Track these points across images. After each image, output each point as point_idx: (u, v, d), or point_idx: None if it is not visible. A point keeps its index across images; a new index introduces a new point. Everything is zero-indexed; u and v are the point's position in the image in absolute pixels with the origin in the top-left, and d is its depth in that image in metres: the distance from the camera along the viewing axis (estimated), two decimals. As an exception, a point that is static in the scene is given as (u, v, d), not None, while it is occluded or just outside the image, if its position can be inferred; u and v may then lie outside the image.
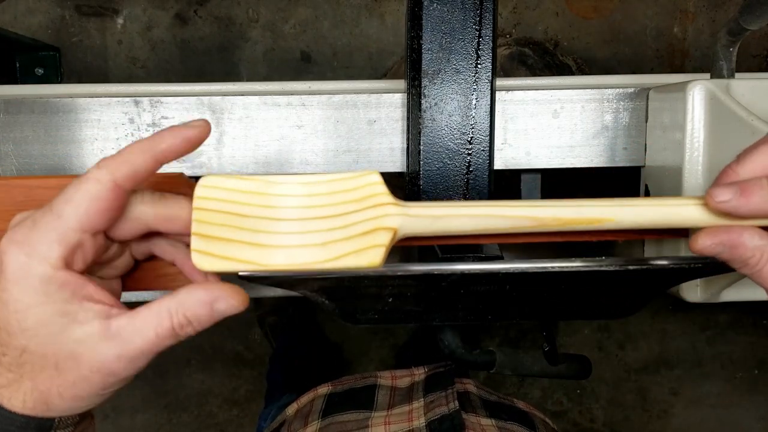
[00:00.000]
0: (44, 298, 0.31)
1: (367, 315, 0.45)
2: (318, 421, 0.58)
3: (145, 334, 0.32)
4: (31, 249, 0.31)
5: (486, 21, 0.53)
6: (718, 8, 1.39)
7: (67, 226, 0.31)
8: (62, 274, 0.31)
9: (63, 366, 0.32)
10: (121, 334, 0.32)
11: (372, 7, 1.37)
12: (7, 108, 0.59)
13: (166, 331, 0.32)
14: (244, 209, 0.34)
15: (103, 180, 0.31)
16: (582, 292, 0.44)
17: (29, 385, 0.32)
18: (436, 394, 0.58)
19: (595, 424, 1.55)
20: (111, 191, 0.31)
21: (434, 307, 0.45)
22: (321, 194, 0.35)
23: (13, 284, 0.31)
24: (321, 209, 0.35)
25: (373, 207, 0.35)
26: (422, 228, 0.36)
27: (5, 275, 0.31)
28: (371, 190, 0.35)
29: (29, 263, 0.31)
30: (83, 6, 1.36)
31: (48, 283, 0.31)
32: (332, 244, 0.34)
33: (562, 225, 0.36)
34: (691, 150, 0.51)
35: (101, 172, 0.31)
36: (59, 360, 0.32)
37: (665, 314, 1.51)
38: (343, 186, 0.35)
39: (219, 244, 0.33)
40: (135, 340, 0.32)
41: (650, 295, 0.45)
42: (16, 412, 0.32)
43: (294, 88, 0.62)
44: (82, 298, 0.32)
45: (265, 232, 0.34)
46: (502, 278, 0.40)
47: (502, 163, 0.61)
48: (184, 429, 1.49)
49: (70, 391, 0.32)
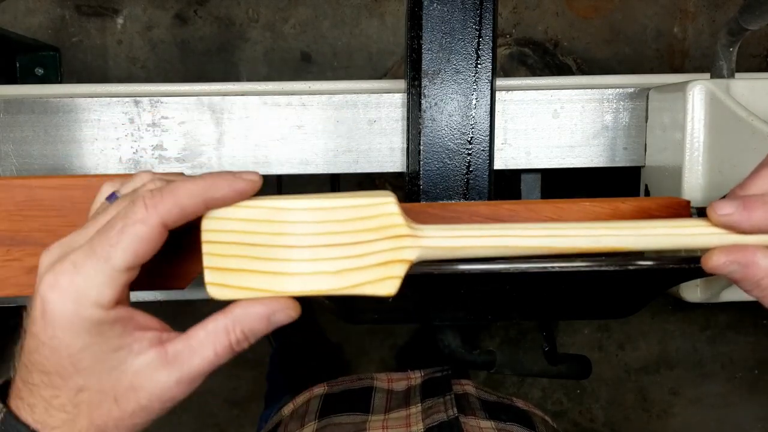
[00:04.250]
0: (98, 339, 0.31)
1: (367, 315, 0.45)
2: (315, 422, 0.58)
3: (203, 354, 0.32)
4: (79, 296, 0.30)
5: (486, 21, 0.53)
6: (718, 8, 1.39)
7: (116, 269, 0.30)
8: (113, 312, 0.31)
9: (122, 398, 0.32)
10: (179, 358, 0.32)
11: (372, 7, 1.37)
12: (7, 108, 0.59)
13: (224, 349, 0.32)
14: (255, 238, 0.33)
15: (152, 224, 0.30)
16: (582, 292, 0.44)
17: (85, 423, 0.32)
18: (434, 400, 0.58)
19: (595, 424, 1.55)
20: (159, 234, 0.31)
21: (434, 307, 0.45)
22: (334, 221, 0.34)
23: (62, 331, 0.30)
24: (334, 236, 0.34)
25: (389, 238, 0.34)
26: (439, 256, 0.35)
27: (52, 323, 0.30)
28: (388, 220, 0.34)
29: (78, 310, 0.30)
30: (83, 6, 1.36)
31: (100, 324, 0.31)
32: (347, 272, 0.34)
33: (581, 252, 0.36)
34: (691, 150, 0.51)
35: (151, 215, 0.30)
36: (118, 393, 0.32)
37: (665, 314, 1.51)
38: (357, 214, 0.34)
39: (232, 276, 0.33)
40: (194, 362, 0.32)
41: (650, 295, 0.45)
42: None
43: (294, 88, 0.62)
44: (134, 329, 0.32)
45: (277, 260, 0.34)
46: (502, 278, 0.40)
47: (502, 163, 0.61)
48: (184, 429, 1.49)
49: (128, 421, 0.32)
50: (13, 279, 0.42)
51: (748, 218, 0.33)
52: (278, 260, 0.33)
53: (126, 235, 0.30)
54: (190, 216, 0.32)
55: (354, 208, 0.34)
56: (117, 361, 0.31)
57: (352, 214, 0.34)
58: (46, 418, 0.32)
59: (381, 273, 0.34)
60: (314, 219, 0.34)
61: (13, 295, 0.42)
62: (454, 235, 0.35)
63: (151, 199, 0.31)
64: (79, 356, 0.31)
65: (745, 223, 0.34)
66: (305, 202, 0.34)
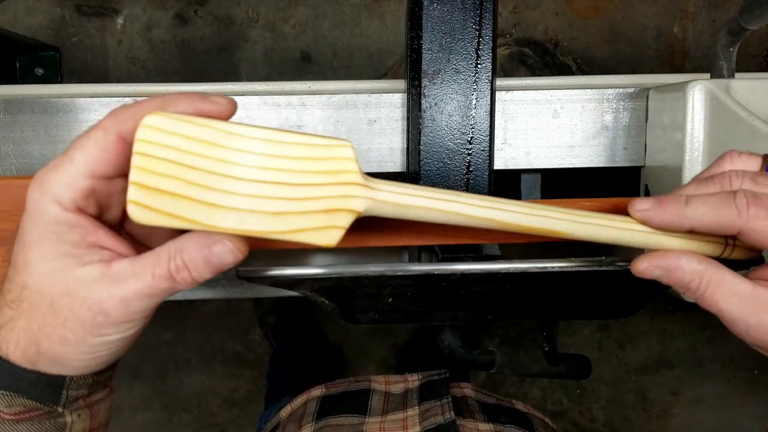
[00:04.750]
0: (53, 237, 0.31)
1: (367, 315, 0.45)
2: (312, 424, 0.58)
3: (141, 275, 0.32)
4: (46, 188, 0.31)
5: (486, 21, 0.53)
6: (718, 8, 1.39)
7: (78, 172, 0.31)
8: (72, 216, 0.31)
9: (57, 303, 0.32)
10: (119, 275, 0.32)
11: (372, 7, 1.37)
12: (7, 108, 0.59)
13: (163, 272, 0.32)
14: (194, 160, 0.30)
15: (109, 131, 0.31)
16: (582, 292, 0.44)
17: (23, 324, 0.32)
18: (431, 403, 0.58)
19: (595, 424, 1.55)
20: (115, 144, 0.31)
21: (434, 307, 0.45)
22: (285, 157, 0.31)
23: (27, 216, 0.32)
24: (282, 174, 0.31)
25: (340, 184, 0.32)
26: (387, 213, 0.34)
27: (25, 211, 0.32)
28: (342, 165, 0.32)
29: (42, 200, 0.31)
30: (83, 6, 1.36)
31: (57, 223, 0.31)
32: (289, 215, 0.31)
33: (522, 230, 0.36)
34: (691, 150, 0.51)
35: (109, 122, 0.31)
36: (54, 297, 0.32)
37: (665, 314, 1.51)
38: (311, 153, 0.31)
39: (161, 198, 0.30)
40: (130, 282, 0.32)
41: (650, 295, 0.45)
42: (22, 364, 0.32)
43: (294, 88, 0.62)
44: (91, 244, 0.32)
45: (215, 190, 0.31)
46: (502, 278, 0.40)
47: (502, 163, 0.61)
48: (184, 429, 1.49)
49: (59, 331, 0.32)
50: (13, 279, 0.42)
51: (661, 214, 0.35)
52: (216, 190, 0.31)
53: (88, 140, 0.31)
54: None
55: (308, 146, 0.31)
56: (62, 265, 0.32)
57: (305, 152, 0.31)
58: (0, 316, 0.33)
59: (324, 220, 0.32)
60: (263, 151, 0.31)
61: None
62: (406, 192, 0.34)
63: (117, 109, 0.32)
64: (30, 249, 0.32)
65: (657, 218, 0.35)
66: (259, 131, 0.31)
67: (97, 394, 0.37)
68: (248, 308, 1.45)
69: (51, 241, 0.31)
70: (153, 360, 1.44)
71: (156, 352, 1.44)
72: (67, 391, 0.34)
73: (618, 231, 0.36)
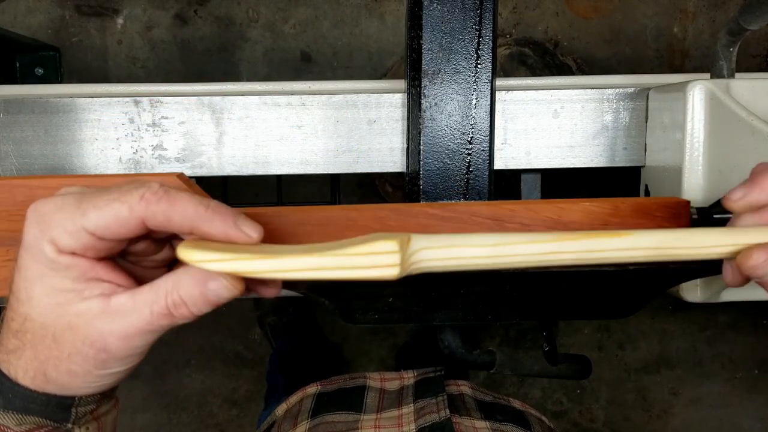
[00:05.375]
0: (52, 273, 0.31)
1: (367, 315, 0.45)
2: (307, 421, 0.58)
3: (140, 310, 0.32)
4: (47, 228, 0.31)
5: (486, 21, 0.53)
6: (718, 8, 1.39)
7: (83, 227, 0.31)
8: (66, 258, 0.31)
9: (60, 337, 0.32)
10: (119, 311, 0.32)
11: (372, 7, 1.37)
12: (7, 108, 0.59)
13: (161, 309, 0.32)
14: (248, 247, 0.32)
15: (134, 213, 0.31)
16: (582, 292, 0.44)
17: (30, 354, 0.33)
18: (426, 401, 0.58)
19: (595, 424, 1.55)
20: (135, 225, 0.31)
21: (434, 307, 0.45)
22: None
23: (25, 251, 0.32)
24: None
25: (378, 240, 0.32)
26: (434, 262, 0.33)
27: (22, 243, 0.32)
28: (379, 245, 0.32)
29: (41, 239, 0.31)
30: (83, 6, 1.36)
31: (55, 262, 0.31)
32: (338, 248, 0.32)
33: None
34: (691, 150, 0.51)
35: (139, 207, 0.30)
36: (57, 331, 0.32)
37: (665, 314, 1.51)
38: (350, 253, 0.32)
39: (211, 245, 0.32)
40: (130, 318, 0.32)
41: (650, 295, 0.45)
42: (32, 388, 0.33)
43: (294, 88, 0.62)
44: (90, 278, 0.32)
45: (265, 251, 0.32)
46: (502, 278, 0.40)
47: (502, 163, 0.61)
48: (184, 429, 1.49)
49: (65, 364, 0.32)
50: (13, 279, 0.42)
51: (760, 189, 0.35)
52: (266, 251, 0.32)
53: (110, 207, 0.30)
54: (172, 230, 0.32)
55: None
56: (64, 300, 0.32)
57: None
58: (6, 341, 0.33)
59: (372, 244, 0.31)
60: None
61: (13, 295, 0.42)
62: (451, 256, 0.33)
63: (151, 195, 0.31)
64: (32, 283, 0.32)
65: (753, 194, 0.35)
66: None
67: (104, 406, 0.37)
68: (248, 308, 1.45)
69: (51, 277, 0.31)
70: (153, 360, 1.44)
71: (156, 353, 1.44)
72: (76, 408, 0.34)
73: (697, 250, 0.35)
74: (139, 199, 0.31)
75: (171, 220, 0.31)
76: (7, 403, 0.33)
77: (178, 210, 0.31)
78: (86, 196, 0.31)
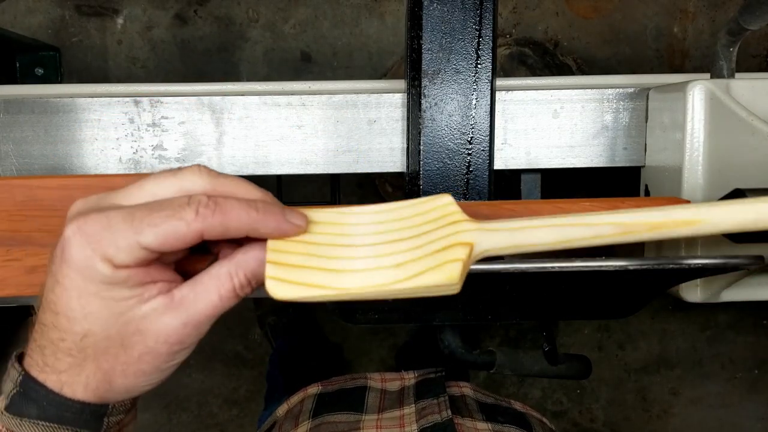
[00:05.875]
0: (107, 287, 0.32)
1: (367, 315, 0.45)
2: (309, 421, 0.58)
3: (208, 298, 0.33)
4: (99, 247, 0.31)
5: (486, 21, 0.53)
6: (718, 8, 1.39)
7: (141, 245, 0.31)
8: (124, 272, 0.32)
9: (129, 342, 0.33)
10: (185, 302, 0.33)
11: (372, 7, 1.37)
12: (7, 108, 0.59)
13: (228, 292, 0.33)
14: (317, 238, 0.34)
15: (193, 229, 0.31)
16: (582, 292, 0.44)
17: (92, 367, 0.33)
18: (428, 401, 0.58)
19: (595, 424, 1.55)
20: (194, 240, 0.32)
21: (434, 307, 0.45)
22: (394, 220, 0.35)
23: (76, 273, 0.31)
24: (395, 233, 0.34)
25: (447, 225, 0.34)
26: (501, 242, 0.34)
27: (69, 263, 0.31)
28: (444, 210, 0.35)
29: (93, 258, 0.31)
30: (83, 6, 1.36)
31: (112, 278, 0.32)
32: (407, 264, 0.33)
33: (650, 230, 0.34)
34: (691, 150, 0.51)
35: (196, 222, 0.31)
36: (125, 337, 0.32)
37: (665, 314, 1.51)
38: (415, 210, 0.35)
39: (293, 271, 0.33)
40: (199, 306, 0.33)
41: (650, 295, 0.45)
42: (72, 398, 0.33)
43: (294, 88, 0.62)
44: (145, 282, 0.33)
45: (339, 258, 0.34)
46: (502, 278, 0.40)
47: (502, 163, 0.61)
48: (184, 429, 1.49)
49: (134, 366, 0.33)
50: (13, 279, 0.42)
51: None
52: (339, 258, 0.34)
53: (167, 224, 0.31)
54: (230, 237, 0.33)
55: (413, 206, 0.35)
56: (126, 308, 0.32)
57: (412, 211, 0.35)
58: (54, 362, 0.33)
59: (441, 258, 0.33)
60: (374, 220, 0.35)
61: (13, 295, 0.42)
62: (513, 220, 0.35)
63: (204, 209, 0.32)
64: (88, 300, 0.32)
65: None
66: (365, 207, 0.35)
67: (129, 414, 0.37)
68: (248, 308, 1.45)
69: (108, 291, 0.32)
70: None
71: (156, 352, 1.43)
72: (108, 418, 0.35)
73: None
74: (195, 215, 0.31)
75: (228, 230, 0.32)
76: (41, 413, 0.33)
77: (233, 219, 0.32)
78: (135, 213, 0.32)
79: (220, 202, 0.32)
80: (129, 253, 0.31)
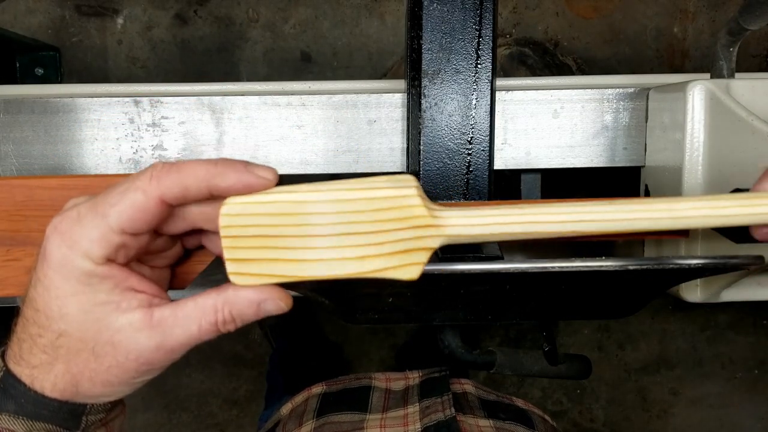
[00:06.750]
0: (86, 288, 0.31)
1: (367, 315, 0.45)
2: (313, 421, 0.58)
3: (187, 326, 0.32)
4: (74, 243, 0.31)
5: (486, 21, 0.53)
6: (718, 8, 1.39)
7: (110, 228, 0.31)
8: (103, 268, 0.31)
9: (100, 351, 0.32)
10: (162, 324, 0.32)
11: (372, 7, 1.37)
12: (7, 108, 0.59)
13: (209, 325, 0.32)
14: (274, 230, 0.33)
15: (150, 195, 0.31)
16: (582, 292, 0.44)
17: (62, 367, 0.33)
18: (431, 400, 0.58)
19: (595, 424, 1.55)
20: (156, 206, 0.31)
21: (434, 307, 0.45)
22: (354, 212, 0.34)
23: (54, 272, 0.31)
24: (355, 225, 0.33)
25: (411, 228, 0.34)
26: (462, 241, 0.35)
27: (48, 263, 0.31)
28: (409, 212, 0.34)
29: (71, 255, 0.31)
30: (83, 6, 1.36)
31: (90, 276, 0.31)
32: (369, 258, 0.34)
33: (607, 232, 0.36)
34: (691, 150, 0.51)
35: (152, 186, 0.31)
36: (97, 345, 0.32)
37: (665, 314, 1.51)
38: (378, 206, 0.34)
39: (254, 265, 0.33)
40: (176, 331, 0.32)
41: (650, 295, 0.45)
42: (43, 394, 0.33)
43: (294, 88, 0.62)
44: (126, 289, 0.32)
45: (299, 249, 0.33)
46: (502, 278, 0.40)
47: (502, 163, 0.61)
48: (184, 429, 1.49)
49: (102, 376, 0.33)
50: (13, 279, 0.42)
51: None
52: (300, 249, 0.33)
53: (125, 198, 0.31)
54: (192, 197, 0.32)
55: (373, 200, 0.33)
56: (102, 314, 0.32)
57: (373, 205, 0.34)
58: (29, 356, 0.33)
59: (403, 260, 0.34)
60: (334, 210, 0.33)
61: (13, 295, 0.42)
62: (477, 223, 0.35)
63: (158, 172, 0.31)
64: (66, 300, 0.32)
65: None
66: (324, 194, 0.33)
67: (113, 412, 0.37)
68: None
69: (86, 293, 0.32)
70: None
71: (156, 352, 1.44)
72: (86, 417, 0.34)
73: None
74: (149, 179, 0.31)
75: (187, 187, 0.31)
76: (18, 409, 0.33)
77: (189, 174, 0.31)
78: (98, 199, 0.31)
79: (175, 163, 0.32)
80: (102, 241, 0.31)
